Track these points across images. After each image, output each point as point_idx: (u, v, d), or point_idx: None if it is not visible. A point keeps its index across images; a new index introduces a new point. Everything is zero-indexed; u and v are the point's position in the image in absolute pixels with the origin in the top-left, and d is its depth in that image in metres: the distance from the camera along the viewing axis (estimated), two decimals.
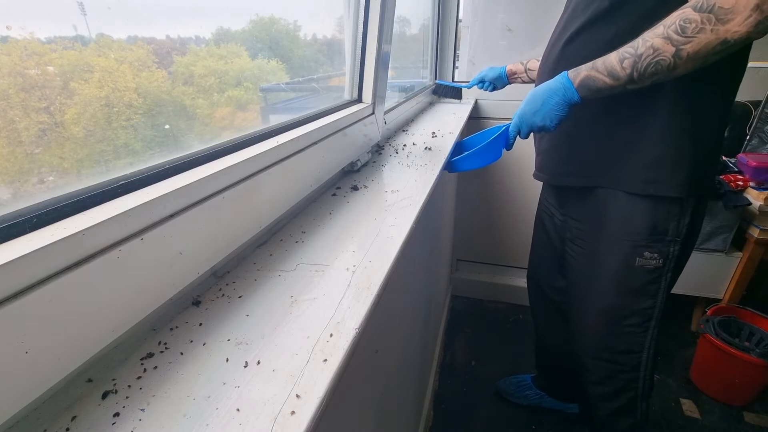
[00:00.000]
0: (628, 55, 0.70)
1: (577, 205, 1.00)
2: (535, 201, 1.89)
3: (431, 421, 1.50)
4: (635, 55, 0.69)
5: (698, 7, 0.63)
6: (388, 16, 0.87)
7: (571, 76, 0.78)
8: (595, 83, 0.75)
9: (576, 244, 1.01)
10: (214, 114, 0.59)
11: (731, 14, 0.61)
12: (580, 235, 1.00)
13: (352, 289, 0.46)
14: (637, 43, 0.69)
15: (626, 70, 0.70)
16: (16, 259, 0.26)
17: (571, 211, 1.02)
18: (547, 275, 1.26)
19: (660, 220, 0.86)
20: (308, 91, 0.89)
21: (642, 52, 0.68)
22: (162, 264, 0.37)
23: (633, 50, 0.69)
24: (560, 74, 0.80)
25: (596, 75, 0.74)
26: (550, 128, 0.82)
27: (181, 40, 0.50)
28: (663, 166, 0.82)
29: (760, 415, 1.52)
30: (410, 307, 0.98)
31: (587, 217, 0.97)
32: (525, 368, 1.68)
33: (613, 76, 0.72)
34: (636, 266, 0.89)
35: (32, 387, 0.27)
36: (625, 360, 0.99)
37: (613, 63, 0.72)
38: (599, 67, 0.74)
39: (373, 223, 0.63)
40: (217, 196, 0.45)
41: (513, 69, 1.33)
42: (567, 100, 0.79)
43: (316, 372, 0.35)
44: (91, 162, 0.40)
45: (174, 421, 0.30)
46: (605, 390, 1.04)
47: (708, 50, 0.64)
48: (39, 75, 0.35)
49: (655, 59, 0.67)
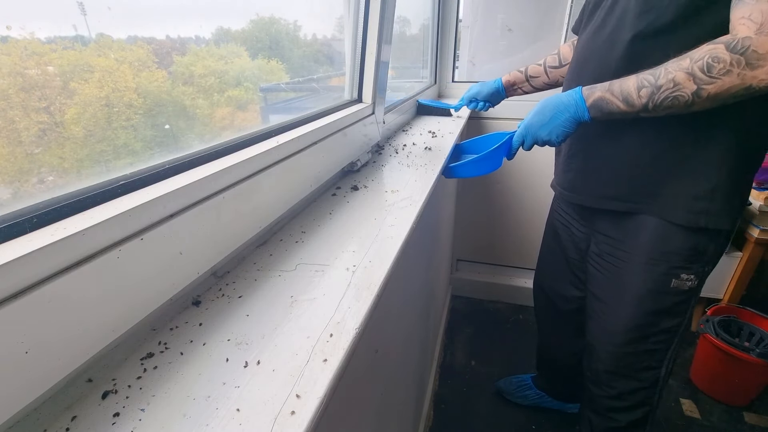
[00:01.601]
0: (647, 84, 0.67)
1: (606, 224, 0.94)
2: (535, 201, 1.90)
3: (431, 421, 1.50)
4: (654, 86, 0.67)
5: (731, 46, 0.60)
6: (388, 16, 0.87)
7: (585, 94, 0.75)
8: (608, 106, 0.72)
9: (604, 260, 0.96)
10: (214, 114, 0.59)
11: (763, 60, 0.58)
12: (609, 251, 0.94)
13: (352, 289, 0.46)
14: (659, 72, 0.66)
15: (642, 100, 0.68)
16: (16, 259, 0.26)
17: (599, 227, 0.97)
18: (556, 284, 1.22)
19: (701, 244, 0.82)
20: (308, 91, 0.89)
21: (662, 84, 0.66)
22: (162, 264, 0.37)
23: (653, 79, 0.67)
24: (574, 89, 0.77)
25: (611, 98, 0.72)
26: (555, 144, 0.80)
27: (181, 40, 0.50)
28: (718, 198, 0.77)
29: (760, 415, 1.52)
30: (410, 307, 0.98)
31: (618, 235, 0.92)
32: (525, 368, 1.68)
33: (628, 102, 0.70)
34: (671, 287, 0.85)
35: (32, 387, 0.27)
36: (646, 376, 0.96)
37: (630, 89, 0.69)
38: (615, 91, 0.71)
39: (373, 223, 0.63)
40: (217, 196, 0.45)
41: (512, 79, 1.20)
42: (576, 118, 0.76)
43: (316, 372, 0.35)
44: (91, 162, 0.39)
45: (174, 421, 0.30)
46: (622, 404, 1.01)
47: (729, 94, 0.62)
48: (39, 75, 0.35)
49: (674, 94, 0.65)
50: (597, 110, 0.74)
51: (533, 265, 2.08)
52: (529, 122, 0.82)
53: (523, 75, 1.18)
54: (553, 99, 0.79)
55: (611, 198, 0.89)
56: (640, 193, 0.84)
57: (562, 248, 1.15)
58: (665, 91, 0.66)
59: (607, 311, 0.97)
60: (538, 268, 1.33)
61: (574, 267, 1.13)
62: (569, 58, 1.11)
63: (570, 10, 1.63)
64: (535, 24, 1.70)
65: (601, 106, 0.73)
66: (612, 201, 0.89)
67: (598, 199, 0.91)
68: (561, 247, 1.15)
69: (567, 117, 0.77)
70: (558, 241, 1.16)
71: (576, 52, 0.92)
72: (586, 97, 0.75)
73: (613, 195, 0.88)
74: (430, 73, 1.89)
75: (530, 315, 2.05)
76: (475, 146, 1.03)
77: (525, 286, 2.09)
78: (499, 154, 0.86)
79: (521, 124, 0.84)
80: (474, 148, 1.04)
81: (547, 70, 1.15)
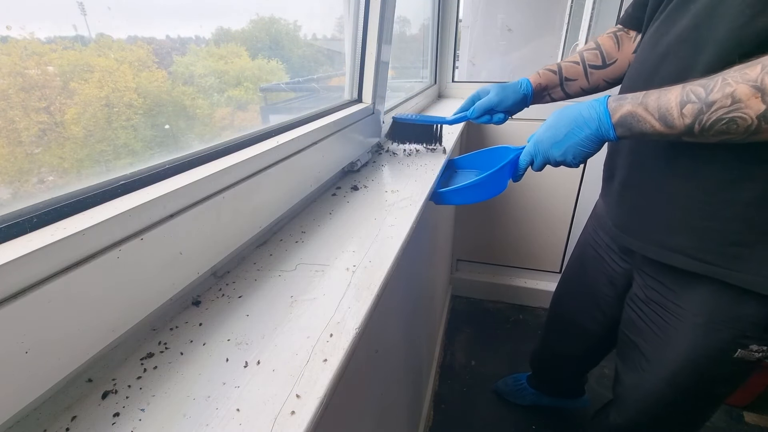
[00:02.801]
0: (695, 98, 0.51)
1: (661, 268, 0.74)
2: (536, 200, 1.90)
3: (431, 421, 1.50)
4: (703, 102, 0.50)
5: None
6: (388, 16, 0.87)
7: (611, 107, 0.60)
8: (640, 125, 0.56)
9: (650, 308, 0.78)
10: (214, 114, 0.59)
11: None
12: (657, 300, 0.76)
13: (352, 289, 0.46)
14: (713, 83, 0.50)
15: (685, 119, 0.52)
16: (16, 259, 0.26)
17: (649, 269, 0.77)
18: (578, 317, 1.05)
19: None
20: (308, 91, 0.89)
21: (714, 100, 0.49)
22: (162, 264, 0.37)
23: (703, 93, 0.50)
24: (597, 99, 0.62)
25: (643, 114, 0.56)
26: (572, 165, 0.66)
27: (181, 40, 0.50)
28: None
29: (760, 415, 1.52)
30: (410, 307, 0.98)
31: (671, 283, 0.73)
32: (525, 368, 1.68)
33: (666, 122, 0.54)
34: (735, 357, 0.68)
35: (32, 387, 0.27)
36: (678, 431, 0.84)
37: (670, 105, 0.53)
38: (650, 105, 0.55)
39: (373, 223, 0.63)
40: (217, 196, 0.45)
41: (543, 82, 0.89)
42: (599, 136, 0.61)
43: (316, 372, 0.35)
44: (91, 162, 0.40)
45: (174, 421, 0.30)
46: None
47: None
48: (39, 75, 0.35)
49: (730, 115, 0.48)
50: (625, 128, 0.58)
51: (533, 265, 2.10)
52: (540, 137, 0.68)
53: (557, 76, 0.89)
54: (570, 110, 0.64)
55: (682, 253, 0.67)
56: (715, 252, 0.63)
57: (592, 279, 0.96)
58: (718, 109, 0.49)
59: (648, 368, 0.80)
60: (560, 292, 1.14)
61: (602, 303, 0.95)
62: (614, 55, 0.87)
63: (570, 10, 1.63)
64: (535, 24, 1.70)
65: (630, 124, 0.57)
66: (673, 254, 0.68)
67: (654, 248, 0.72)
68: (590, 278, 0.97)
69: (587, 134, 0.61)
70: (586, 270, 0.98)
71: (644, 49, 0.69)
72: (613, 110, 0.59)
73: (674, 247, 0.68)
74: (430, 73, 1.89)
75: (530, 315, 2.05)
76: (472, 162, 0.87)
77: (525, 286, 2.09)
78: (502, 176, 0.72)
79: (532, 139, 0.70)
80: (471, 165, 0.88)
81: (587, 70, 0.89)
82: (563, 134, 0.64)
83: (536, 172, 0.72)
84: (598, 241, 0.93)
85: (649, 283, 0.78)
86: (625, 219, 0.77)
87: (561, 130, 0.64)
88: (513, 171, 0.72)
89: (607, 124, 0.60)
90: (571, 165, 0.66)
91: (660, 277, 0.75)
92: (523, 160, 0.71)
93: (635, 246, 0.76)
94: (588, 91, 0.92)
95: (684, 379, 0.75)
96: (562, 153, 0.65)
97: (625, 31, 0.87)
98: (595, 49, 0.88)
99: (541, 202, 1.89)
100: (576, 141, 0.63)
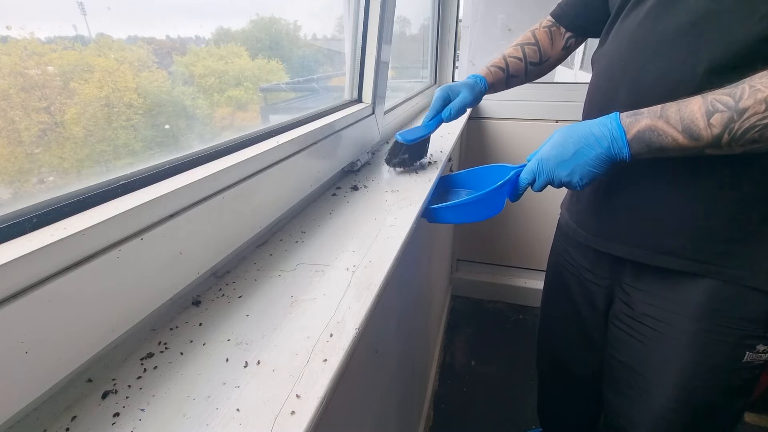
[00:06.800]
0: (723, 107, 0.48)
1: (650, 279, 0.71)
2: (536, 200, 1.89)
3: (431, 421, 1.50)
4: (734, 110, 0.48)
5: None
6: (388, 16, 0.87)
7: (624, 123, 0.56)
8: (660, 139, 0.53)
9: (640, 322, 0.73)
10: (214, 114, 0.59)
11: None
12: (649, 312, 0.71)
13: (352, 289, 0.46)
14: (741, 91, 0.48)
15: (713, 130, 0.49)
16: (16, 259, 0.26)
17: (637, 282, 0.73)
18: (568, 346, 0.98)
19: None
20: (308, 91, 0.89)
21: (746, 107, 0.47)
22: (162, 264, 0.37)
23: (732, 101, 0.48)
24: (609, 116, 0.58)
25: (664, 128, 0.52)
26: (577, 187, 0.62)
27: (181, 40, 0.50)
28: None
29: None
30: (410, 306, 0.98)
31: (664, 291, 0.69)
32: (525, 368, 1.68)
33: (691, 134, 0.51)
34: (743, 362, 0.65)
35: (32, 387, 0.27)
36: None
37: (694, 115, 0.50)
38: (671, 118, 0.52)
39: (373, 223, 0.63)
40: (217, 196, 0.45)
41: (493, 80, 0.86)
42: (611, 156, 0.57)
43: (316, 372, 0.35)
44: (91, 162, 0.40)
45: (174, 421, 0.30)
46: None
47: None
48: (39, 75, 0.35)
49: (765, 121, 0.46)
50: (642, 144, 0.55)
51: (533, 265, 2.10)
52: (544, 156, 0.63)
53: (504, 74, 0.88)
54: (579, 128, 0.60)
55: (667, 253, 0.65)
56: (712, 252, 0.62)
57: (572, 303, 0.90)
58: (752, 116, 0.46)
59: (649, 388, 0.73)
60: (542, 325, 1.06)
61: (588, 327, 0.88)
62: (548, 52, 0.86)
63: None
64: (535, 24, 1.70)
65: (649, 139, 0.54)
66: (668, 257, 0.66)
67: (645, 251, 0.68)
68: (570, 302, 0.91)
69: (598, 153, 0.58)
70: (565, 293, 0.91)
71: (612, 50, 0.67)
72: (627, 126, 0.55)
73: (670, 249, 0.65)
74: (430, 73, 1.89)
75: (530, 315, 2.05)
76: (469, 180, 0.82)
77: (525, 286, 2.09)
78: (500, 195, 0.68)
79: (534, 157, 0.66)
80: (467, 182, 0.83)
81: (528, 68, 0.88)
82: (571, 153, 0.60)
83: (536, 192, 0.68)
84: (569, 260, 0.88)
85: (635, 296, 0.74)
86: (606, 225, 0.73)
87: (569, 148, 0.60)
88: (512, 190, 0.69)
89: (621, 141, 0.56)
90: (575, 187, 0.62)
91: (648, 287, 0.71)
92: (525, 179, 0.67)
93: (622, 252, 0.72)
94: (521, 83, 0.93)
95: (695, 393, 0.69)
96: (568, 173, 0.61)
97: (557, 27, 0.86)
98: (534, 44, 0.87)
99: (541, 202, 1.89)
100: (585, 160, 0.59)
